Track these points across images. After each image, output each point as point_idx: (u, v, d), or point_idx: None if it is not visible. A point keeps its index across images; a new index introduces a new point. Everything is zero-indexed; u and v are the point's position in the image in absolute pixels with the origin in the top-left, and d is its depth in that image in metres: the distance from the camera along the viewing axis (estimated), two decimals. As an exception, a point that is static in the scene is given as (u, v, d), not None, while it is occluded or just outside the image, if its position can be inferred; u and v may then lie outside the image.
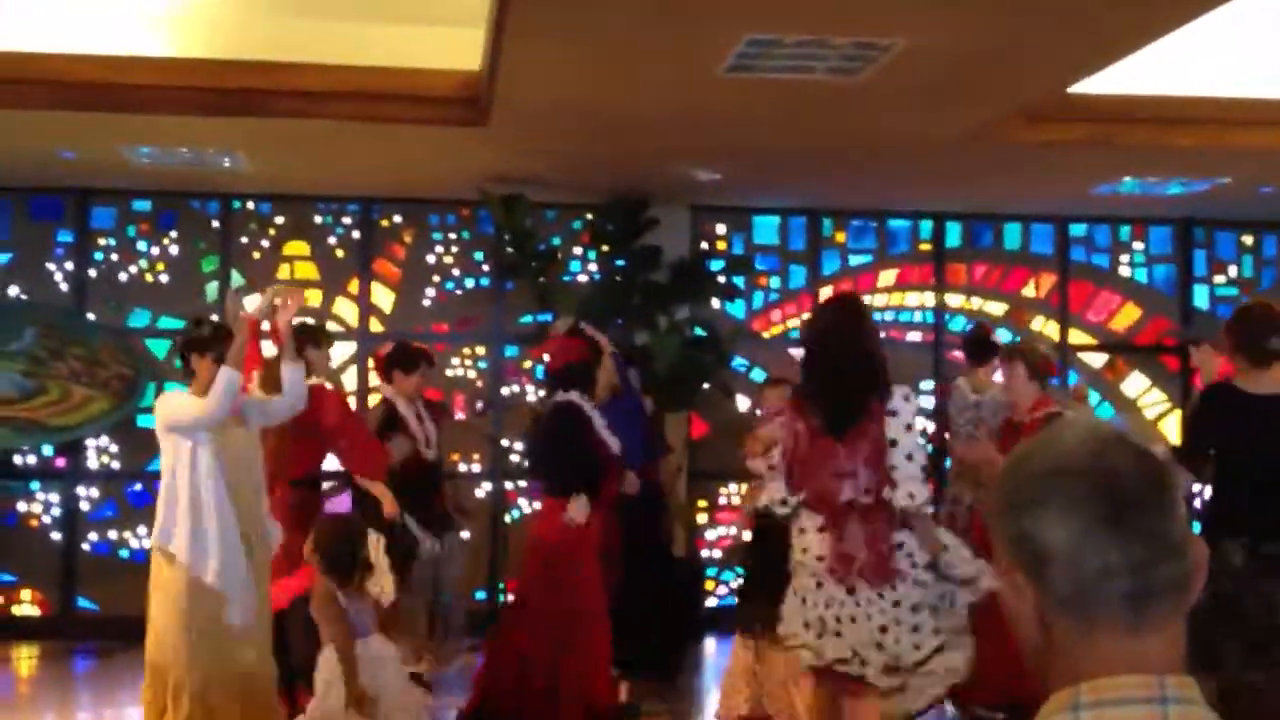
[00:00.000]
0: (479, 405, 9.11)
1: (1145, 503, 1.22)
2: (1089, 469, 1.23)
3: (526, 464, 5.82)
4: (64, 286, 9.06)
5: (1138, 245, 9.95)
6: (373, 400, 8.38)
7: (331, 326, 8.73)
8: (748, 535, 6.73)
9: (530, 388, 9.16)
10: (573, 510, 5.37)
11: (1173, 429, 9.49)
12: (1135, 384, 9.86)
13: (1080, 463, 1.24)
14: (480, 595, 9.05)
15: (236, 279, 9.15)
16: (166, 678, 5.01)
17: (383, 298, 9.29)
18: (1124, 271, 9.94)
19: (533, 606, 5.34)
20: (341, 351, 8.89)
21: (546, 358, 6.09)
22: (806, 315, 9.60)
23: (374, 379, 8.57)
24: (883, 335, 5.23)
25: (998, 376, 6.84)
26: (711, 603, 9.34)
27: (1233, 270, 10.02)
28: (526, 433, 5.69)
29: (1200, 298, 9.96)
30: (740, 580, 7.13)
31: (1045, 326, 9.82)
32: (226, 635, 5.04)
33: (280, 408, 5.39)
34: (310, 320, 7.39)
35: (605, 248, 8.93)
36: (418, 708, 4.75)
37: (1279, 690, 4.38)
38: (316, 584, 4.70)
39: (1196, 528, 4.68)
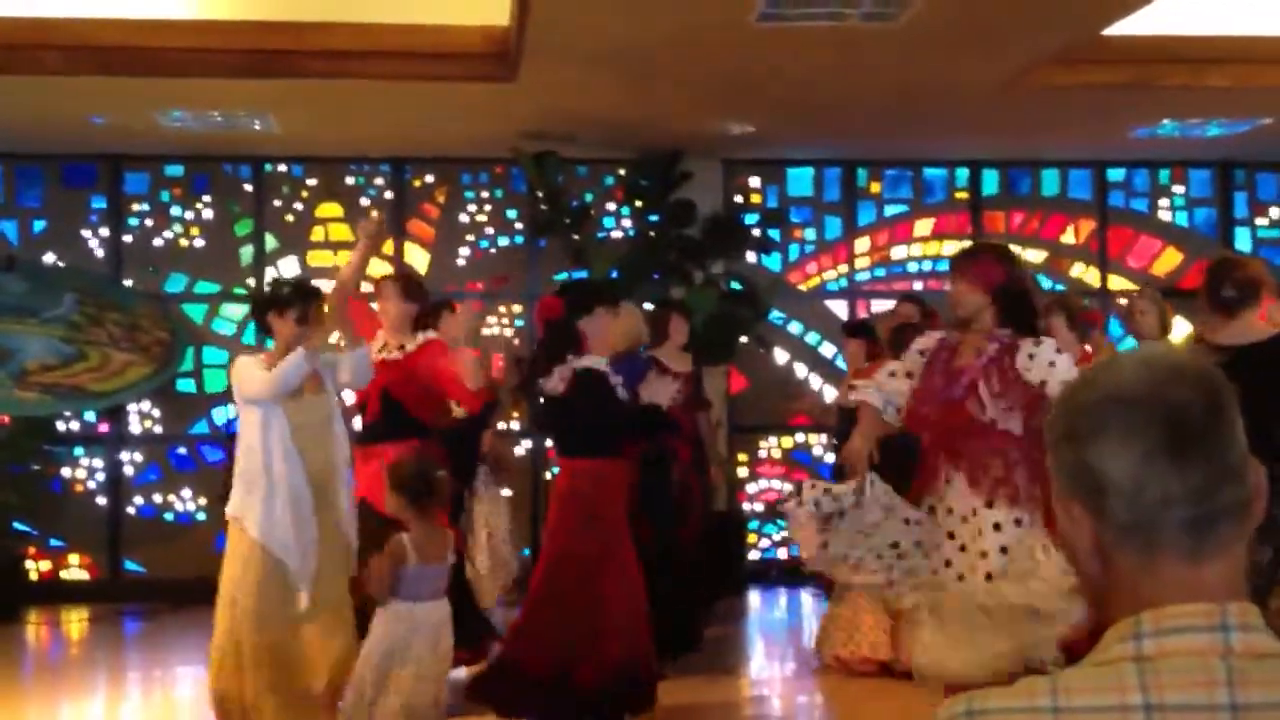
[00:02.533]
0: (516, 361, 9.10)
1: (1204, 428, 1.20)
2: (1146, 396, 1.21)
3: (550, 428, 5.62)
4: (100, 253, 9.12)
5: (1177, 189, 9.82)
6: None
7: (366, 288, 8.73)
8: None
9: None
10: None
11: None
12: (1180, 329, 9.75)
13: (1137, 390, 1.22)
14: (525, 552, 9.10)
15: (271, 242, 9.19)
16: (224, 643, 5.03)
17: (417, 258, 9.30)
18: (1164, 215, 9.82)
19: (566, 566, 5.26)
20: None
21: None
22: (844, 267, 9.57)
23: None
24: (921, 286, 5.19)
25: None
26: (754, 556, 9.36)
27: (1275, 212, 9.89)
28: (540, 398, 5.49)
29: (1242, 240, 9.83)
30: None
31: (1085, 273, 9.73)
32: (287, 609, 5.00)
33: (343, 379, 5.32)
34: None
35: (639, 203, 8.90)
36: (440, 679, 4.73)
37: None
38: (392, 542, 4.71)
39: None
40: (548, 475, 9.25)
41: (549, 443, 9.10)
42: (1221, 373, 1.23)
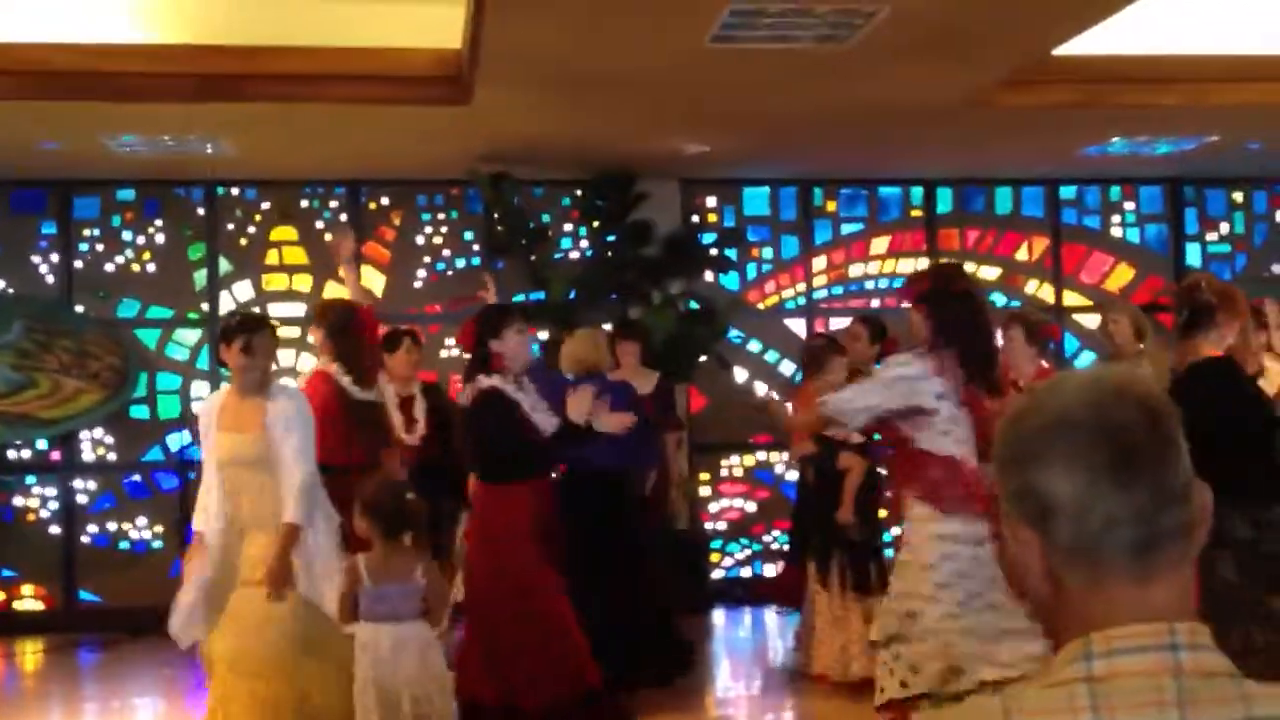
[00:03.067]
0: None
1: (1148, 451, 1.21)
2: (1091, 419, 1.22)
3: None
4: (50, 279, 9.02)
5: (1129, 205, 9.94)
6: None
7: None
8: None
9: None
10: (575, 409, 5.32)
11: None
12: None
13: (1082, 413, 1.22)
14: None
15: (224, 266, 9.12)
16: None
17: (373, 280, 9.26)
18: (1116, 232, 9.93)
19: (487, 603, 5.22)
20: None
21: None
22: (802, 285, 9.61)
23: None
24: (878, 303, 5.29)
25: None
26: (717, 575, 9.35)
27: (1224, 227, 10.02)
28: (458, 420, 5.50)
29: (1193, 256, 9.96)
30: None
31: (1039, 289, 9.82)
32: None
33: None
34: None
35: (596, 224, 8.91)
36: (443, 696, 4.71)
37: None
38: (349, 562, 4.69)
39: None
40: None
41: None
42: (1165, 395, 1.24)
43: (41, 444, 8.94)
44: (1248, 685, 1.18)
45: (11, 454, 8.89)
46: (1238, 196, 10.00)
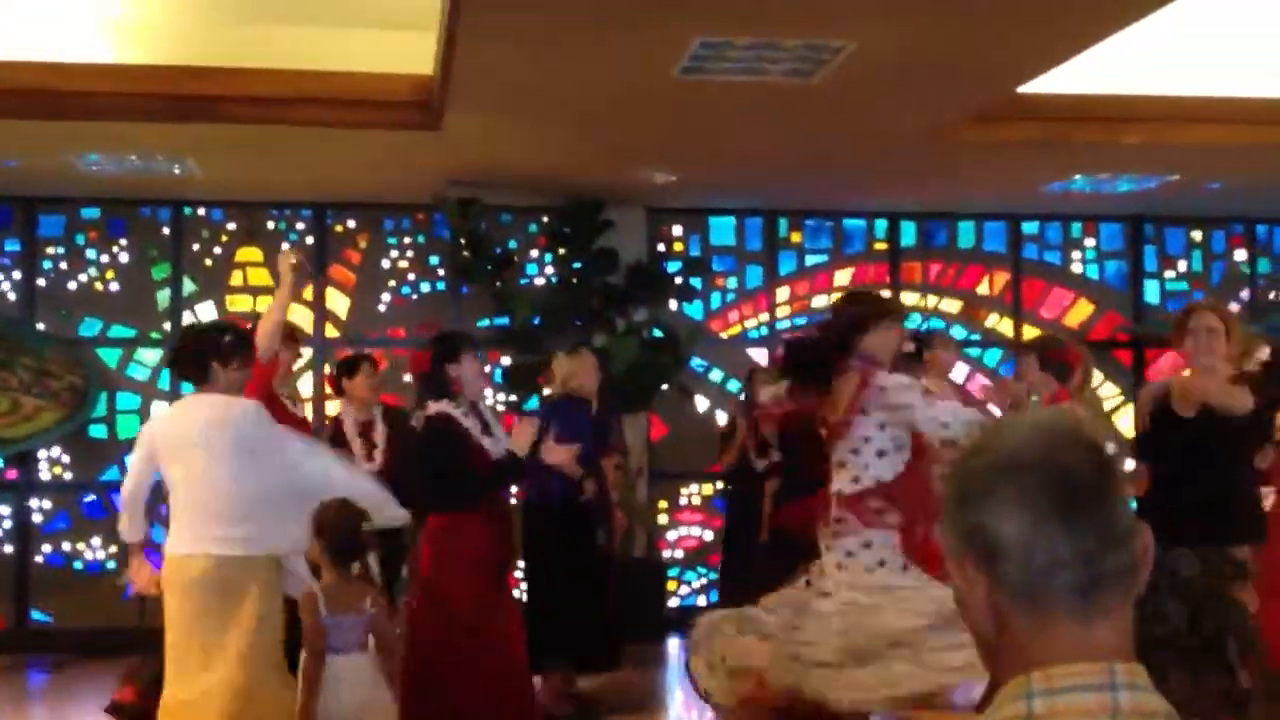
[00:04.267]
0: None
1: (1093, 494, 1.24)
2: (1039, 462, 1.25)
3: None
4: (11, 296, 8.95)
5: (1089, 242, 10.05)
6: (331, 410, 8.33)
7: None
8: None
9: (489, 390, 9.12)
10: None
11: (1126, 423, 9.60)
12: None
13: (1031, 456, 1.25)
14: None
15: (189, 286, 9.08)
16: None
17: (338, 303, 9.24)
18: (1076, 268, 10.04)
19: (432, 639, 5.18)
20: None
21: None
22: (765, 315, 9.66)
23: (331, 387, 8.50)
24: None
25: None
26: (674, 603, 9.35)
27: (1182, 265, 10.14)
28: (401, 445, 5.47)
29: (1151, 293, 10.07)
30: None
31: (1000, 323, 9.91)
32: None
33: None
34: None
35: (562, 250, 8.93)
36: None
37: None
38: (305, 591, 4.63)
39: None
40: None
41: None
42: (1106, 440, 1.28)
43: (-2, 462, 8.85)
44: (1185, 726, 1.20)
45: (-33, 471, 8.80)
46: (1196, 235, 10.13)
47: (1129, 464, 5.31)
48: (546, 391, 7.55)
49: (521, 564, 6.55)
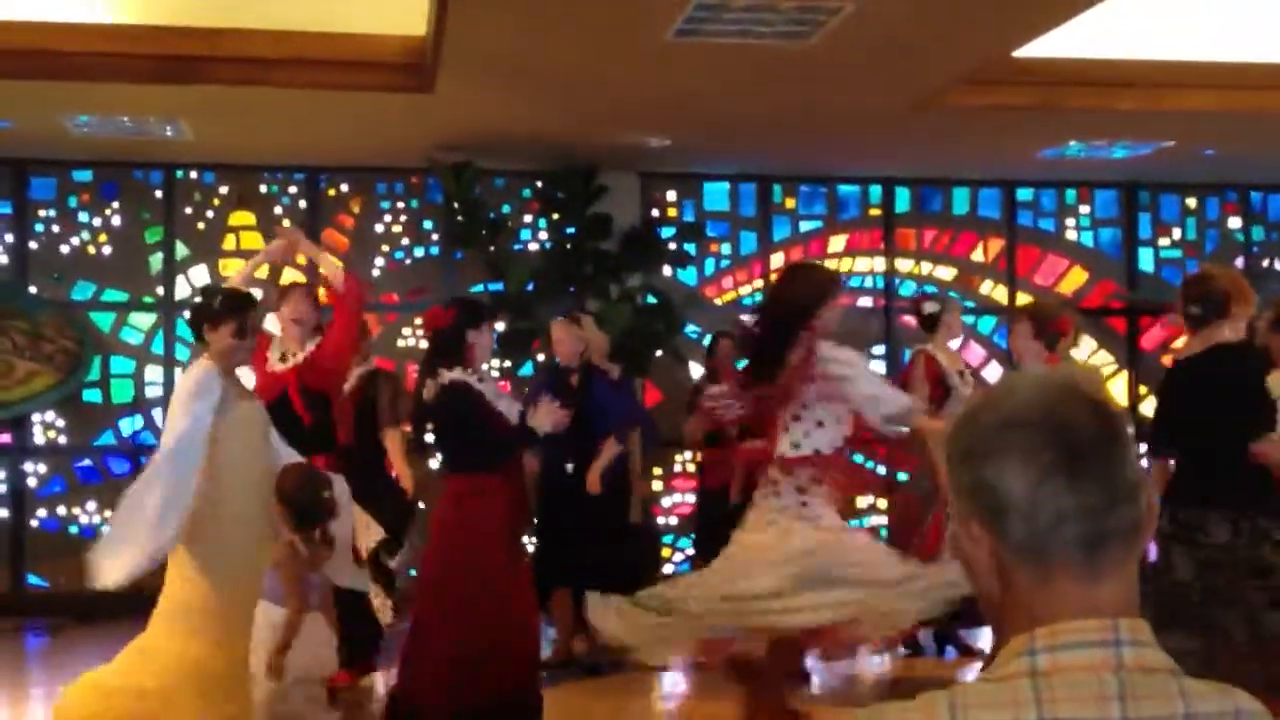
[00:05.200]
0: None
1: (1098, 451, 1.24)
2: (1043, 419, 1.25)
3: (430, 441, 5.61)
4: (4, 259, 8.91)
5: (1083, 209, 10.04)
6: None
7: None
8: None
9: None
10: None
11: (1120, 391, 9.62)
12: (1083, 346, 9.97)
13: (1035, 413, 1.25)
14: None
15: (181, 250, 9.05)
16: None
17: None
18: (1070, 235, 10.03)
19: (442, 595, 5.21)
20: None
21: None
22: (759, 281, 9.65)
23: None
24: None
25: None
26: (668, 569, 9.38)
27: (1176, 233, 10.14)
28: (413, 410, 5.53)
29: (1145, 260, 10.07)
30: None
31: (994, 290, 9.90)
32: None
33: None
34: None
35: (555, 215, 8.90)
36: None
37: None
38: (280, 548, 4.65)
39: None
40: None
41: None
42: (1113, 396, 1.27)
43: (-9, 426, 8.84)
44: (1186, 682, 1.21)
45: (-40, 436, 8.78)
46: (1191, 202, 10.12)
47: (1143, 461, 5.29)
48: (540, 358, 7.57)
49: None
